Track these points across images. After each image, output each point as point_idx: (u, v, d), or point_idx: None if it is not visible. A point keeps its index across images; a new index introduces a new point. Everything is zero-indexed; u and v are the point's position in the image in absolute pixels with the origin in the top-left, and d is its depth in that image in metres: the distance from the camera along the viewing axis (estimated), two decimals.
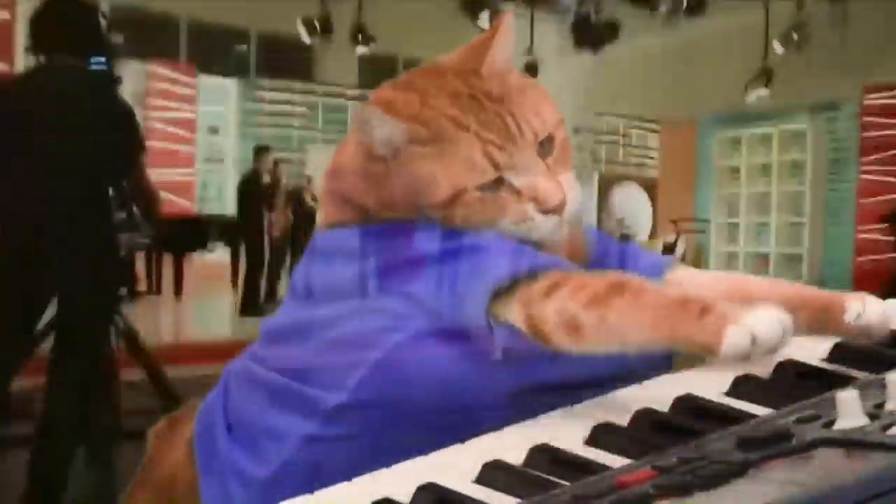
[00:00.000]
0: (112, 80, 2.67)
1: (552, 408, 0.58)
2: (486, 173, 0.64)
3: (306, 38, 9.27)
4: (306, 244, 0.73)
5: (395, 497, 0.48)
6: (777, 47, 9.43)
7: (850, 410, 0.46)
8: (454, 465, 0.52)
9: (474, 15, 9.02)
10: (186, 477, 0.72)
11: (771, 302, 0.62)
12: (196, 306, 6.77)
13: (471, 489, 0.49)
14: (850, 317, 0.60)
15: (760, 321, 0.52)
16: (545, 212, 0.65)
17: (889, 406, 0.48)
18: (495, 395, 0.60)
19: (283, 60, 11.31)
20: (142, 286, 6.75)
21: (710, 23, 10.74)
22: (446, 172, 0.64)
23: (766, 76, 9.81)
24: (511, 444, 0.54)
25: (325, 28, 9.15)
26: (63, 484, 2.18)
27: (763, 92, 9.95)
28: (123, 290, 3.43)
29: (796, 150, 10.78)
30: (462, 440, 0.55)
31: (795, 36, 9.37)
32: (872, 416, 0.47)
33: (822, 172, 10.56)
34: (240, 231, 6.99)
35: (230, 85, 10.71)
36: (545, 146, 0.67)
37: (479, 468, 0.51)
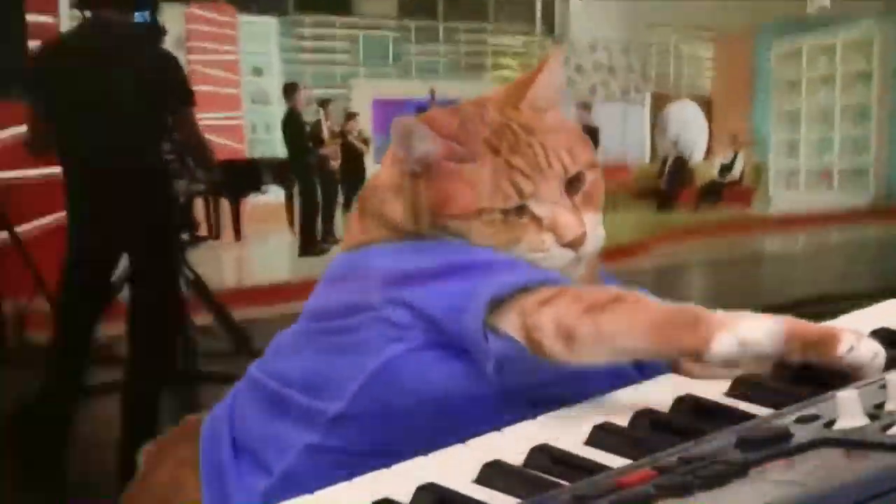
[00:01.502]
0: (157, 33, 2.65)
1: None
2: (510, 199, 0.66)
3: None
4: (355, 180, 0.74)
5: (395, 497, 0.49)
6: None
7: (850, 410, 0.46)
8: (454, 465, 0.52)
9: None
10: (179, 499, 0.74)
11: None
12: (255, 248, 6.90)
13: (471, 489, 0.50)
14: (842, 349, 0.60)
15: (749, 329, 0.54)
16: (562, 244, 0.67)
17: (889, 406, 0.48)
18: (489, 409, 0.61)
19: None
20: (201, 231, 6.89)
21: None
22: (473, 190, 0.67)
23: None
24: (511, 444, 0.54)
25: None
26: (154, 421, 2.29)
27: (824, 1, 9.40)
28: (185, 237, 3.50)
29: (861, 60, 10.20)
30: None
31: None
32: (872, 416, 0.46)
33: (890, 82, 10.00)
34: (291, 170, 7.03)
35: (271, 23, 10.59)
36: (573, 184, 0.68)
37: (479, 468, 0.51)
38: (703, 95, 12.82)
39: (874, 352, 0.59)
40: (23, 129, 2.54)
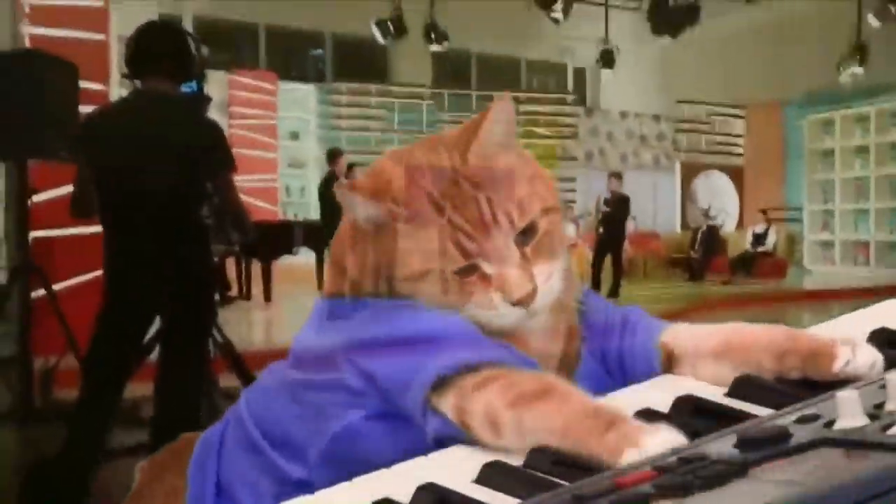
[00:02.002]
0: (202, 102, 2.74)
1: None
2: (455, 261, 0.66)
3: (380, 39, 9.38)
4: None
5: (395, 497, 0.49)
6: (872, 21, 8.91)
7: (850, 410, 0.46)
8: (454, 465, 0.53)
9: (547, 6, 8.90)
10: None
11: (759, 348, 0.65)
12: (285, 310, 6.94)
13: (471, 489, 0.50)
14: (838, 365, 0.60)
15: (655, 446, 0.52)
16: (511, 303, 0.66)
17: (889, 406, 0.48)
18: None
19: (358, 63, 11.47)
20: (233, 292, 6.96)
21: (793, 2, 10.24)
22: (418, 252, 0.66)
23: (859, 53, 9.29)
24: None
25: (398, 28, 9.23)
26: None
27: (857, 69, 9.43)
28: (216, 298, 3.53)
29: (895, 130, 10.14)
30: None
31: (893, 8, 8.82)
32: (872, 416, 0.46)
33: None
34: (323, 234, 7.12)
35: (309, 90, 10.93)
36: (526, 234, 0.67)
37: (479, 468, 0.51)
38: (736, 165, 12.82)
39: (872, 361, 0.59)
40: (64, 189, 2.61)
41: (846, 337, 0.63)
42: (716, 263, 10.42)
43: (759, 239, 10.33)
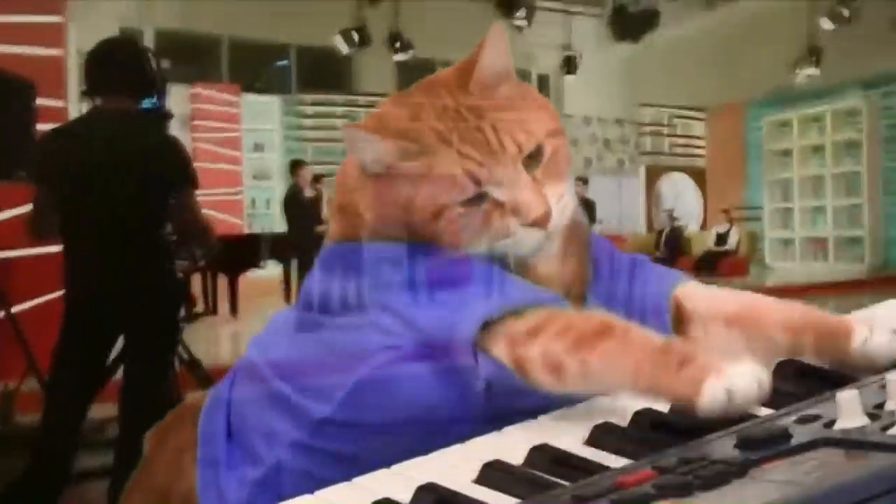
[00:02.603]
0: (163, 118, 2.72)
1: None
2: (467, 190, 0.65)
3: (344, 49, 9.36)
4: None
5: (395, 497, 0.48)
6: (825, 23, 9.14)
7: (850, 410, 0.46)
8: (454, 465, 0.52)
9: (510, 13, 8.98)
10: (180, 488, 0.73)
11: (774, 322, 0.63)
12: (253, 324, 6.88)
13: (471, 489, 0.49)
14: (856, 342, 0.59)
15: (738, 377, 0.51)
16: (527, 225, 0.65)
17: (889, 406, 0.48)
18: (476, 426, 0.60)
19: (323, 74, 11.43)
20: (198, 308, 6.88)
21: (751, 4, 10.47)
22: (430, 190, 0.65)
23: (814, 54, 9.52)
24: (511, 444, 0.54)
25: (363, 38, 9.24)
26: None
27: (812, 71, 9.66)
28: (182, 313, 3.49)
29: (850, 129, 10.41)
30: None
31: (845, 11, 9.06)
32: (872, 416, 0.46)
33: (879, 150, 10.18)
34: (289, 246, 7.08)
35: (273, 101, 10.86)
36: (533, 158, 0.66)
37: (479, 468, 0.51)
38: (698, 167, 13.03)
39: (888, 341, 0.58)
40: (22, 209, 2.57)
41: (863, 317, 0.62)
42: (680, 263, 10.58)
43: (721, 238, 10.52)
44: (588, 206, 8.40)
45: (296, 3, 9.31)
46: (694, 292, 0.71)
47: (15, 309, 3.35)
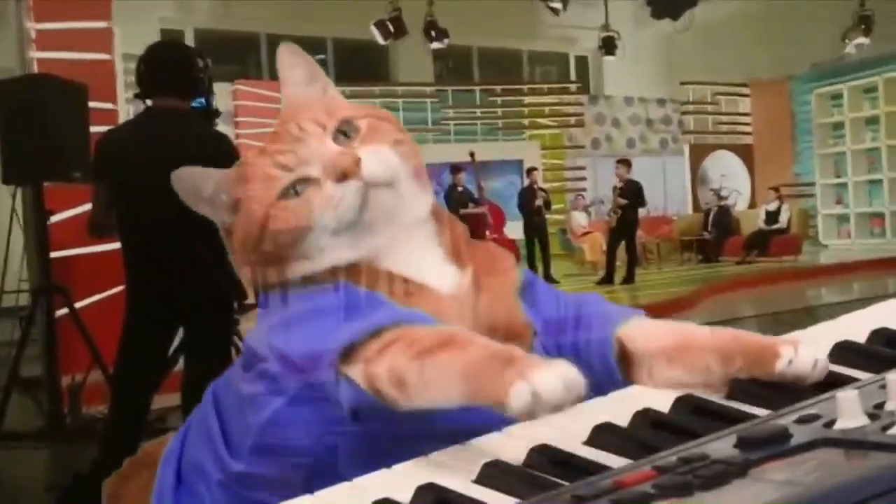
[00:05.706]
0: (212, 117, 2.78)
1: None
2: (283, 178, 0.67)
3: (381, 40, 9.39)
4: None
5: (395, 497, 0.48)
6: None
7: (850, 410, 0.46)
8: (454, 465, 0.52)
9: None
10: None
11: (707, 350, 0.62)
12: None
13: (471, 489, 0.49)
14: (780, 365, 0.59)
15: (544, 379, 0.50)
16: (338, 179, 0.66)
17: (889, 406, 0.48)
18: (374, 453, 0.59)
19: (360, 65, 11.50)
20: (250, 299, 7.01)
21: None
22: (255, 199, 0.68)
23: (864, 23, 9.22)
24: (511, 444, 0.54)
25: (398, 28, 9.25)
26: None
27: (863, 40, 9.35)
28: (236, 306, 3.56)
29: None
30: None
31: None
32: (872, 416, 0.46)
33: None
34: None
35: None
36: (346, 131, 0.69)
37: (479, 468, 0.51)
38: (744, 144, 12.75)
39: (814, 360, 0.59)
40: (80, 209, 2.65)
41: (790, 337, 0.62)
42: (730, 244, 10.38)
43: (771, 216, 10.27)
44: (635, 189, 8.26)
45: None
46: (635, 332, 0.69)
47: (78, 305, 3.46)
